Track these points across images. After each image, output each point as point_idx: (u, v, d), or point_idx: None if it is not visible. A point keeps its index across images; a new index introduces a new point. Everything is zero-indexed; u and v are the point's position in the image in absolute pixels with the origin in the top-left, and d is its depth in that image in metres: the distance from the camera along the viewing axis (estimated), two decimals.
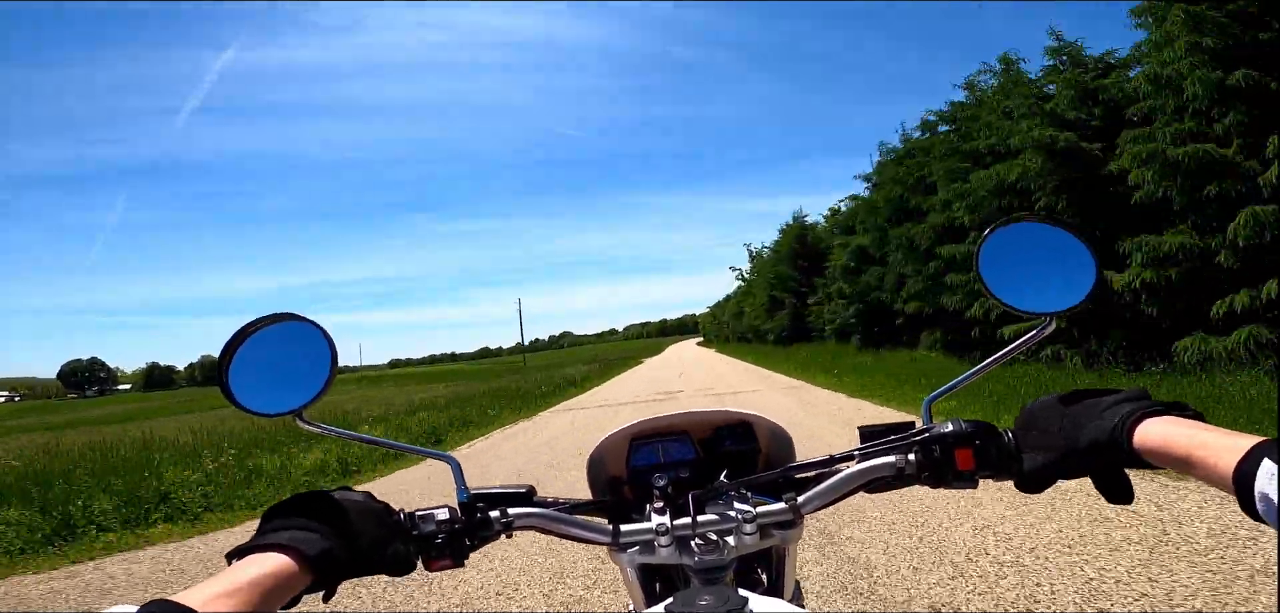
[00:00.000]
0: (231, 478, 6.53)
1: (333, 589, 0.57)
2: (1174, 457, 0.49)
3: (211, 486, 6.20)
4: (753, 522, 0.71)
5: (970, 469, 0.65)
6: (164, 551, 4.70)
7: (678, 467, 0.86)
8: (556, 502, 0.78)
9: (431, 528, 0.66)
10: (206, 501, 5.88)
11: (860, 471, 0.71)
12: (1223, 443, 0.46)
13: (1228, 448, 0.45)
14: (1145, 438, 0.51)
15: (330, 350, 0.69)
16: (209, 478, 6.41)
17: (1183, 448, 0.48)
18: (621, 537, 0.73)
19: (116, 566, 4.38)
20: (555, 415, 11.95)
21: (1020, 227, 0.71)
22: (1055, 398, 0.62)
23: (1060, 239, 0.69)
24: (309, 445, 8.02)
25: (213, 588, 0.48)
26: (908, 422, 0.72)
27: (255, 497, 6.07)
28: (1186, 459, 0.48)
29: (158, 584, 3.89)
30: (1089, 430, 0.55)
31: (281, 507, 0.59)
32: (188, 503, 5.72)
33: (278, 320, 0.69)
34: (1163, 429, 0.50)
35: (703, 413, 0.87)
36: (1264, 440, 0.44)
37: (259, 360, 0.69)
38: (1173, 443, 0.49)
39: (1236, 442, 0.45)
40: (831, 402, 9.81)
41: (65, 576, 4.23)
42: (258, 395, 0.69)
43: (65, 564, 4.47)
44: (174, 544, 4.87)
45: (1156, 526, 3.11)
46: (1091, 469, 0.56)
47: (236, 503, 5.93)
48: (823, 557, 3.19)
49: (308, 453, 7.81)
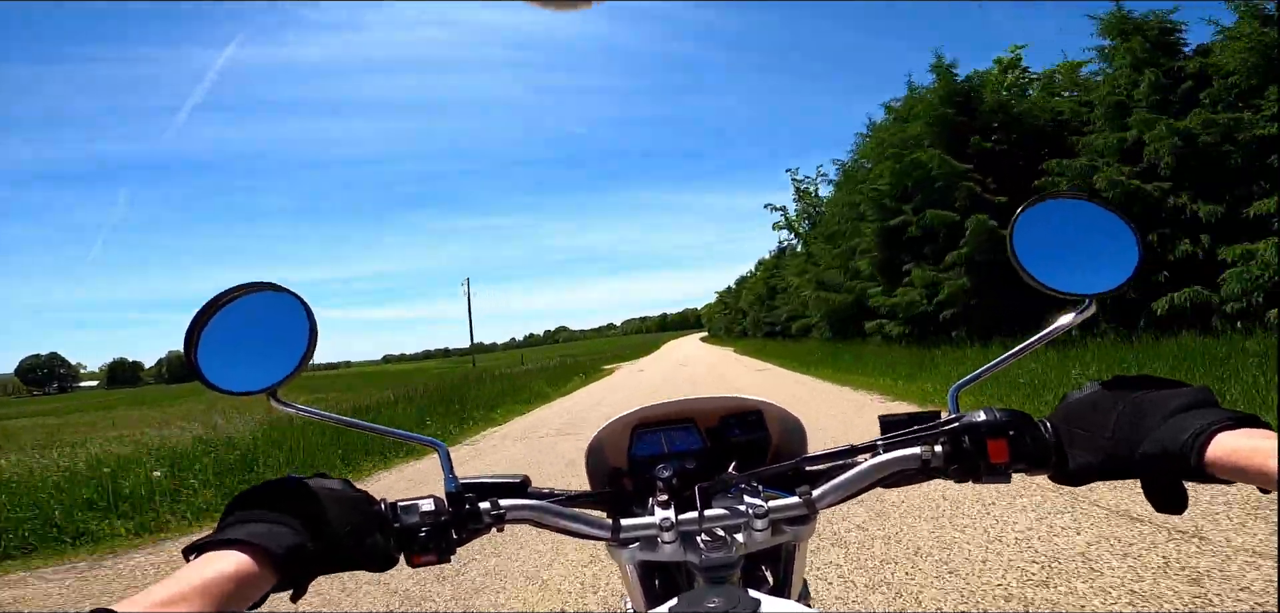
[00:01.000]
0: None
1: (303, 588, 0.52)
2: (1250, 473, 0.46)
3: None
4: (765, 517, 0.66)
5: (1004, 462, 0.60)
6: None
7: (682, 457, 0.80)
8: (553, 493, 0.73)
9: (414, 520, 0.61)
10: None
11: (881, 462, 0.66)
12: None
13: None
14: (1218, 453, 0.47)
15: (309, 323, 0.64)
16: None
17: (1260, 464, 0.45)
18: (622, 531, 0.68)
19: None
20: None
21: (1055, 203, 0.67)
22: (1102, 389, 0.57)
23: (1098, 217, 0.65)
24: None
25: (161, 592, 0.43)
26: (932, 411, 0.67)
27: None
28: (1263, 476, 0.45)
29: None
30: (1154, 438, 0.51)
31: (247, 496, 0.54)
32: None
33: (252, 290, 0.64)
34: (1237, 443, 0.47)
35: (710, 400, 0.82)
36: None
37: (231, 335, 0.64)
38: (1250, 459, 0.46)
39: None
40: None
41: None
42: (228, 373, 0.63)
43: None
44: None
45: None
46: (1146, 475, 0.52)
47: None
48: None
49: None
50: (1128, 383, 0.56)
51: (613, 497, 0.79)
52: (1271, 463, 0.45)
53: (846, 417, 7.09)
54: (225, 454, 6.53)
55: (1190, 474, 0.49)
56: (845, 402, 8.44)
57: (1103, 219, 0.65)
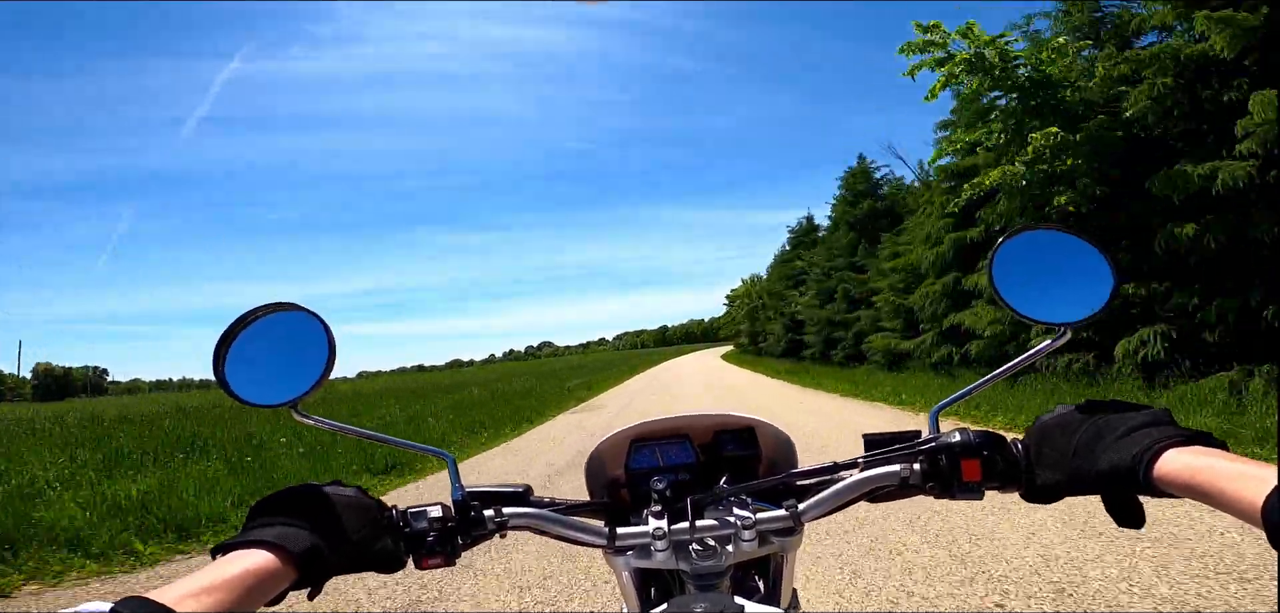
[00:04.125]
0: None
1: (319, 587, 0.57)
2: (1197, 489, 0.47)
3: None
4: (752, 528, 0.69)
5: (977, 480, 0.63)
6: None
7: (677, 470, 0.84)
8: (553, 502, 0.77)
9: (423, 525, 0.66)
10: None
11: (863, 478, 0.69)
12: (1249, 474, 0.44)
13: (1255, 480, 0.44)
14: (1166, 469, 0.49)
15: (329, 341, 0.69)
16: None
17: (1206, 480, 0.47)
18: (617, 540, 0.72)
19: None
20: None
21: (1035, 234, 0.70)
22: (1070, 411, 0.60)
23: (1076, 247, 0.68)
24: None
25: (191, 584, 0.47)
26: (913, 431, 0.70)
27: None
28: (1210, 491, 0.46)
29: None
30: (1107, 455, 0.53)
31: (268, 502, 0.58)
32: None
33: (276, 310, 0.69)
34: (1185, 460, 0.49)
35: (704, 416, 0.86)
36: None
37: (256, 351, 0.69)
38: (1196, 476, 0.47)
39: (1262, 474, 0.44)
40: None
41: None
42: (254, 387, 0.68)
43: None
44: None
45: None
46: (1104, 492, 0.54)
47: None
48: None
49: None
50: (1095, 406, 0.59)
51: (610, 507, 0.83)
52: (1215, 481, 0.46)
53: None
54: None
55: (1144, 491, 0.51)
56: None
57: (1080, 250, 0.67)
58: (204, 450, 7.83)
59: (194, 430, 9.67)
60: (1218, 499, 0.46)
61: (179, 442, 8.48)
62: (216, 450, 7.70)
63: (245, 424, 9.76)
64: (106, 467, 6.85)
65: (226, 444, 8.07)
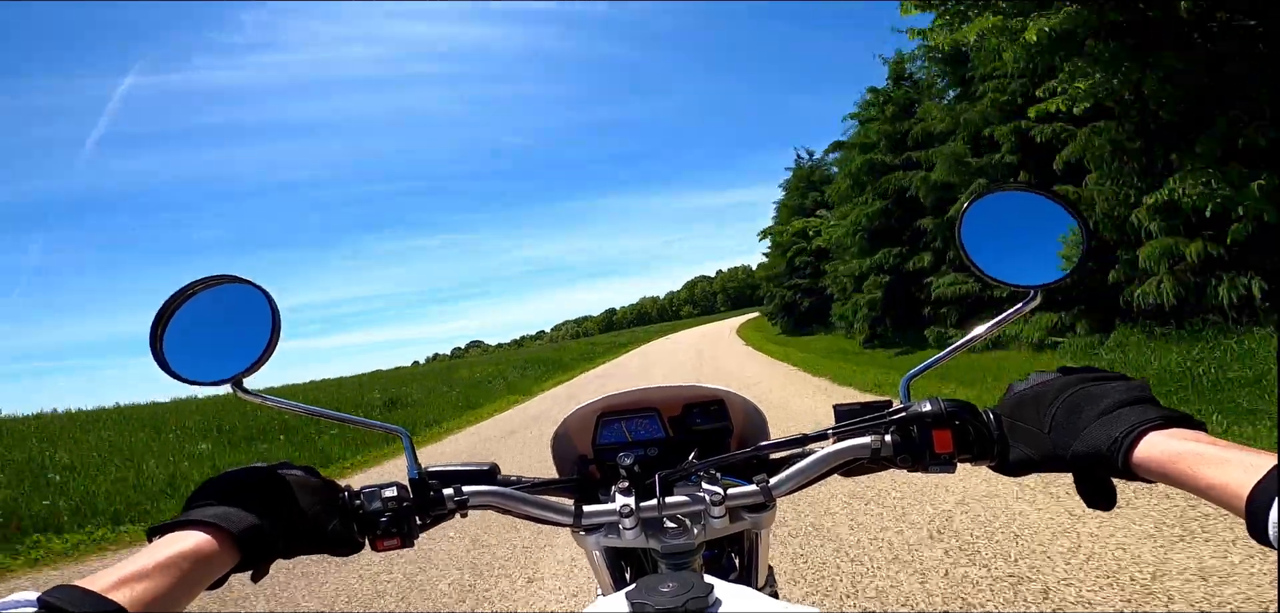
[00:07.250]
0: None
1: (263, 569, 0.54)
2: (1177, 476, 0.45)
3: None
4: (721, 504, 0.67)
5: (949, 452, 0.61)
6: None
7: (645, 445, 0.82)
8: (519, 480, 0.75)
9: (377, 506, 0.63)
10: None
11: (835, 451, 0.68)
12: (1232, 460, 0.42)
13: (1239, 466, 0.41)
14: (1146, 455, 0.47)
15: (273, 314, 0.65)
16: None
17: (1187, 467, 0.44)
18: (584, 518, 0.70)
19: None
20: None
21: (1004, 196, 0.68)
22: (1046, 380, 0.58)
23: (1047, 209, 0.66)
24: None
25: (124, 570, 0.45)
26: (884, 401, 0.69)
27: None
28: (1191, 478, 0.44)
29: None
30: (1084, 438, 0.51)
31: (211, 483, 0.56)
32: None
33: (216, 283, 0.65)
34: (1165, 446, 0.46)
35: (673, 389, 0.83)
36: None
37: (196, 327, 0.65)
38: (1177, 461, 0.45)
39: (1246, 460, 0.41)
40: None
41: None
42: (193, 364, 0.65)
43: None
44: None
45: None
46: (1077, 472, 0.52)
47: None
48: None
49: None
50: (1071, 375, 0.57)
51: (579, 484, 0.81)
52: (1198, 467, 0.44)
53: None
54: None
55: (1118, 474, 0.49)
56: None
57: (1051, 211, 0.66)
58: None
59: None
60: (1199, 487, 0.44)
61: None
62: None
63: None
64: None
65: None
